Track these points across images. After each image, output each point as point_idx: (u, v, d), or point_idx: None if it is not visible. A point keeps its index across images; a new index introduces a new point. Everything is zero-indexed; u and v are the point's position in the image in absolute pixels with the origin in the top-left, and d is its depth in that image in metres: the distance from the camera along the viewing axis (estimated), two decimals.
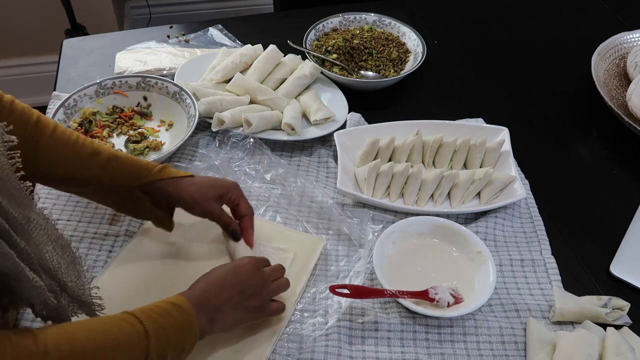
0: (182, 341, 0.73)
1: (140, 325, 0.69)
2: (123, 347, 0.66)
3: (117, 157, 0.88)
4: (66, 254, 0.72)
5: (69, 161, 0.86)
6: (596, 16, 1.64)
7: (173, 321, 0.72)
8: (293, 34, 1.39)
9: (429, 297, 0.89)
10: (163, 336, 0.70)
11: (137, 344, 0.67)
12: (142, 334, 0.68)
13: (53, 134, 0.85)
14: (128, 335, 0.67)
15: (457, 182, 1.07)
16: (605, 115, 1.28)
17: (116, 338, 0.66)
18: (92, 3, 2.34)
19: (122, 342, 0.66)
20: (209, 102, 1.19)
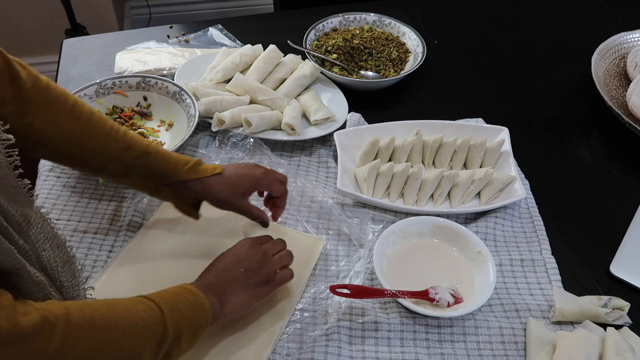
0: (196, 319, 0.74)
1: (154, 305, 0.70)
2: (142, 324, 0.67)
3: (147, 154, 0.88)
4: (62, 252, 0.72)
5: (101, 153, 0.86)
6: (596, 16, 1.64)
7: (185, 300, 0.73)
8: (293, 34, 1.39)
9: (429, 297, 0.89)
10: (177, 314, 0.71)
11: (154, 321, 0.69)
12: (157, 312, 0.69)
13: (89, 121, 0.85)
14: (145, 312, 0.68)
15: (457, 182, 1.07)
16: (605, 115, 1.28)
17: (136, 314, 0.67)
18: (92, 3, 2.34)
19: (141, 318, 0.67)
20: (209, 102, 1.19)
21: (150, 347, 0.68)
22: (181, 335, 0.71)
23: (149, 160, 0.88)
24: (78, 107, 0.84)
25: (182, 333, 0.71)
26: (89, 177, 1.09)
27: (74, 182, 1.08)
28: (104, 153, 0.86)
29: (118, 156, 0.86)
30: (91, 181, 1.08)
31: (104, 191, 1.07)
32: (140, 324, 0.67)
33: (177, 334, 0.70)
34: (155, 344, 0.68)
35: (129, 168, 0.88)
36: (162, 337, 0.69)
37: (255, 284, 0.83)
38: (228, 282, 0.81)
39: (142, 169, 0.88)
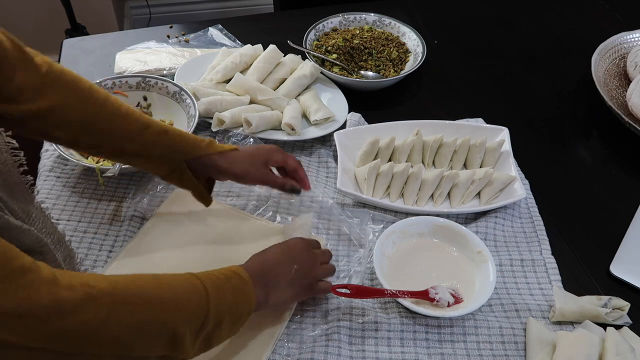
0: (239, 307, 0.74)
1: (201, 285, 0.69)
2: (186, 303, 0.67)
3: (166, 132, 0.89)
4: (62, 247, 0.72)
5: (120, 133, 0.86)
6: (596, 16, 1.64)
7: (232, 287, 0.73)
8: (293, 34, 1.39)
9: (429, 297, 0.89)
10: (222, 299, 0.70)
11: (198, 302, 0.68)
12: (203, 293, 0.69)
13: (105, 103, 0.85)
14: (191, 292, 0.68)
15: (457, 182, 1.07)
16: (605, 115, 1.28)
17: (182, 292, 0.67)
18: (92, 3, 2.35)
19: (186, 297, 0.67)
20: (209, 102, 1.19)
21: (191, 330, 0.67)
22: (222, 320, 0.71)
23: (168, 138, 0.89)
24: (94, 90, 0.85)
25: (224, 318, 0.71)
26: (89, 177, 1.09)
27: (74, 182, 1.08)
28: (123, 133, 0.86)
29: (137, 135, 0.87)
30: (91, 181, 1.08)
31: (104, 191, 1.07)
32: (186, 303, 0.67)
33: (218, 318, 0.70)
34: (197, 326, 0.68)
35: (149, 147, 0.88)
36: (205, 321, 0.68)
37: (299, 285, 0.84)
38: (277, 275, 0.81)
39: (161, 148, 0.88)
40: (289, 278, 0.82)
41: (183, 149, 0.90)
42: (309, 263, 0.86)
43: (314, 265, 0.87)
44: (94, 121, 0.84)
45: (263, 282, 0.79)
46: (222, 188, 1.08)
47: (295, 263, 0.84)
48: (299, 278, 0.84)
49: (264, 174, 0.96)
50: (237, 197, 1.08)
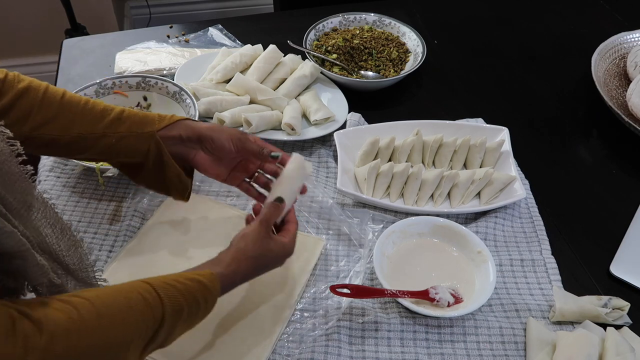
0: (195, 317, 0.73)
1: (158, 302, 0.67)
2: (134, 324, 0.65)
3: (129, 110, 0.88)
4: (66, 236, 0.72)
5: (81, 118, 0.85)
6: (596, 16, 1.64)
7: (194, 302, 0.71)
8: (293, 34, 1.39)
9: (429, 297, 0.89)
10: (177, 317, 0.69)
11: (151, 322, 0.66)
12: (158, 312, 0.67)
13: (63, 97, 0.85)
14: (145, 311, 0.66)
15: (457, 182, 1.07)
16: (605, 115, 1.28)
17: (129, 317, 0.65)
18: (92, 3, 2.34)
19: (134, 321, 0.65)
20: (209, 102, 1.19)
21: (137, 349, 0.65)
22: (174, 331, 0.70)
23: (132, 114, 0.87)
24: (51, 88, 0.85)
25: (175, 330, 0.70)
26: (89, 177, 1.09)
27: (74, 182, 1.08)
28: (85, 116, 0.85)
29: (100, 117, 0.85)
30: (91, 181, 1.08)
31: (104, 191, 1.07)
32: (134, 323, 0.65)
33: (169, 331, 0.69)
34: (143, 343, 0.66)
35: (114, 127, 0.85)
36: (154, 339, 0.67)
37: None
38: (245, 278, 0.80)
39: (128, 123, 0.86)
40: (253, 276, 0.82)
41: (149, 120, 0.88)
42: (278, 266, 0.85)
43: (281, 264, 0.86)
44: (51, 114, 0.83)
45: (229, 285, 0.78)
46: (222, 188, 1.09)
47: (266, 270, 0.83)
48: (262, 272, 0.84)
49: (241, 134, 0.91)
50: (237, 197, 1.08)
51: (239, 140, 0.90)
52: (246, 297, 0.91)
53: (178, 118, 0.89)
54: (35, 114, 0.82)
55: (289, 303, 0.90)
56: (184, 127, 0.89)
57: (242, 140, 0.90)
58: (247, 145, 0.91)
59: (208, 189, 1.09)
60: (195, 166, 0.92)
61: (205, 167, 0.92)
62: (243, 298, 0.90)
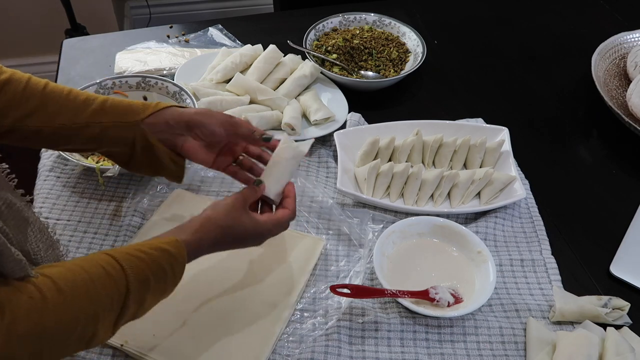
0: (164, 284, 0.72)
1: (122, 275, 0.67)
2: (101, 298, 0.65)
3: (112, 99, 0.86)
4: (44, 237, 0.72)
5: (64, 109, 0.83)
6: (596, 16, 1.64)
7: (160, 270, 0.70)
8: (293, 34, 1.39)
9: (429, 297, 0.89)
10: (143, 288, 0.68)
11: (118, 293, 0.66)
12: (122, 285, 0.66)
13: (45, 88, 0.84)
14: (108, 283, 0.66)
15: (457, 182, 1.07)
16: (605, 115, 1.28)
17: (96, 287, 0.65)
18: (92, 3, 2.34)
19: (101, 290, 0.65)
20: (209, 102, 1.19)
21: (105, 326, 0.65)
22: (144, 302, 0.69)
23: (116, 102, 0.85)
24: (33, 79, 0.84)
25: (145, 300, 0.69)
26: (89, 177, 1.09)
27: (74, 182, 1.08)
28: (68, 105, 0.83)
29: (83, 105, 0.84)
30: (91, 181, 1.08)
31: (104, 191, 1.07)
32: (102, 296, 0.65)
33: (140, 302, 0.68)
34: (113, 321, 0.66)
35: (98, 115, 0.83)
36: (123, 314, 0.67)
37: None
38: (213, 250, 0.79)
39: (112, 111, 0.84)
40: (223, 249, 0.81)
41: (134, 108, 0.85)
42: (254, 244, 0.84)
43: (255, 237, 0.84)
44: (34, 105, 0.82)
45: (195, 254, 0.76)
46: (223, 188, 1.09)
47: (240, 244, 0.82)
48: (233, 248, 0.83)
49: (229, 116, 0.89)
50: None
51: (230, 125, 0.88)
52: (246, 297, 0.91)
53: (164, 105, 0.87)
54: (17, 106, 0.81)
55: (289, 303, 0.90)
56: (171, 113, 0.86)
57: (233, 125, 0.88)
58: (239, 130, 0.88)
59: (208, 189, 1.09)
60: (184, 153, 0.90)
61: (193, 154, 0.89)
62: (243, 298, 0.90)
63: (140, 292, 0.68)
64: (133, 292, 0.67)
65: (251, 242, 0.84)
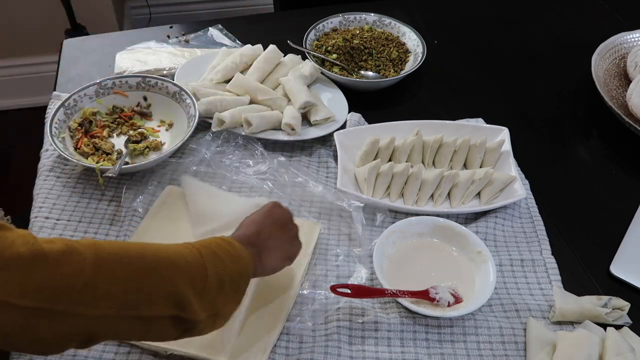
0: (238, 271, 0.72)
1: (195, 249, 0.68)
2: (183, 263, 0.65)
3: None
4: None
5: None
6: (596, 16, 1.64)
7: (225, 251, 0.71)
8: (293, 34, 1.39)
9: (429, 297, 0.89)
10: (218, 262, 0.69)
11: (195, 263, 0.67)
12: (198, 256, 0.67)
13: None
14: (187, 254, 0.67)
15: (457, 182, 1.07)
16: (605, 115, 1.28)
17: (175, 250, 0.66)
18: (92, 3, 2.34)
19: (182, 259, 0.66)
20: (209, 102, 1.19)
21: (194, 291, 0.65)
22: (224, 283, 0.69)
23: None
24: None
25: (224, 281, 0.69)
26: (89, 177, 1.09)
27: (74, 182, 1.08)
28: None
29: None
30: (91, 181, 1.08)
31: (104, 191, 1.07)
32: (181, 260, 0.65)
33: (219, 280, 0.68)
34: (199, 288, 0.66)
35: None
36: (205, 281, 0.66)
37: (288, 239, 0.85)
38: (265, 238, 0.80)
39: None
40: (275, 236, 0.82)
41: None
42: (286, 216, 0.86)
43: (291, 217, 0.87)
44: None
45: (253, 245, 0.78)
46: (224, 186, 1.08)
47: (273, 219, 0.83)
48: (284, 232, 0.84)
49: None
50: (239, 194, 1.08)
51: None
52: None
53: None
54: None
55: (293, 286, 0.91)
56: None
57: None
58: None
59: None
60: None
61: None
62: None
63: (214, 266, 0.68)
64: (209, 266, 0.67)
65: (290, 225, 0.86)
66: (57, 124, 1.11)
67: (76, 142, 1.12)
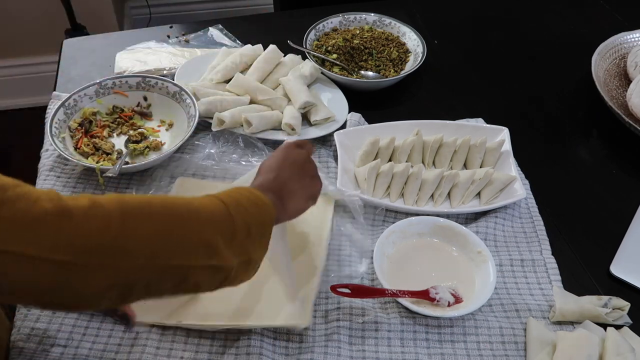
0: (261, 215, 0.71)
1: (217, 199, 0.68)
2: (207, 211, 0.65)
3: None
4: None
5: None
6: (596, 16, 1.64)
7: (247, 199, 0.71)
8: (293, 34, 1.39)
9: (429, 296, 0.89)
10: (242, 210, 0.68)
11: (220, 211, 0.67)
12: (222, 205, 0.67)
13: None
14: (209, 203, 0.67)
15: (457, 182, 1.07)
16: (605, 115, 1.28)
17: (198, 202, 0.66)
18: (92, 3, 2.34)
19: (205, 206, 0.66)
20: (209, 102, 1.19)
21: (222, 238, 0.65)
22: (250, 230, 0.68)
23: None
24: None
25: (251, 227, 0.69)
26: (89, 177, 1.09)
27: (74, 182, 1.08)
28: None
29: None
30: (91, 181, 1.08)
31: (104, 191, 1.07)
32: (207, 211, 0.65)
33: (245, 226, 0.68)
34: (227, 234, 0.66)
35: None
36: (233, 229, 0.66)
37: (308, 179, 0.83)
38: (284, 181, 0.79)
39: None
40: (294, 178, 0.80)
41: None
42: (303, 155, 0.84)
43: (308, 160, 0.85)
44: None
45: (273, 190, 0.77)
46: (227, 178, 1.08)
47: (289, 160, 0.82)
48: (302, 172, 0.82)
49: None
50: None
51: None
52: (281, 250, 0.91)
53: None
54: None
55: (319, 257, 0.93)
56: None
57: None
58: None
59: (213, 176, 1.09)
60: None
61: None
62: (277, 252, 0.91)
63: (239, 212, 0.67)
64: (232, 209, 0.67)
65: (308, 165, 0.84)
66: (57, 124, 1.11)
67: (76, 142, 1.12)
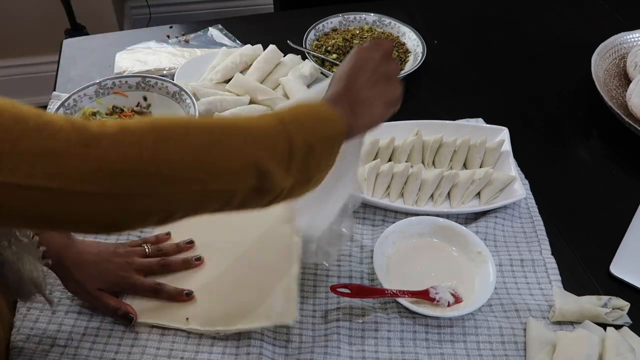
0: (326, 130, 0.66)
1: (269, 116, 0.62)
2: (257, 129, 0.60)
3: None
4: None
5: None
6: (596, 16, 1.64)
7: (305, 112, 0.65)
8: (293, 34, 1.39)
9: (429, 296, 0.89)
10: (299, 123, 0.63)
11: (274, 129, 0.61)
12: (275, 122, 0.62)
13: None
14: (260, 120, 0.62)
15: (457, 182, 1.07)
16: (605, 115, 1.28)
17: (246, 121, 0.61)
18: (92, 3, 2.34)
19: (255, 124, 0.61)
20: (209, 102, 1.19)
21: (275, 158, 0.60)
22: (314, 148, 0.63)
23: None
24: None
25: (314, 145, 0.63)
26: None
27: None
28: None
29: None
30: None
31: None
32: (257, 129, 0.60)
33: (306, 145, 0.62)
34: (281, 154, 0.61)
35: None
36: (290, 147, 0.61)
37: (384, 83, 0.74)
38: (357, 90, 0.72)
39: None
40: (369, 85, 0.73)
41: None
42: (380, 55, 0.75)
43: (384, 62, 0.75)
44: None
45: (344, 101, 0.70)
46: None
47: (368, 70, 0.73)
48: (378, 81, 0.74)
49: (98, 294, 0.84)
50: None
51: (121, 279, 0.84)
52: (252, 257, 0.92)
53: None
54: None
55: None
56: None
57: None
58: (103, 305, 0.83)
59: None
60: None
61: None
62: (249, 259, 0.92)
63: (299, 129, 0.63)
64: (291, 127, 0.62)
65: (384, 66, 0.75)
66: None
67: None
